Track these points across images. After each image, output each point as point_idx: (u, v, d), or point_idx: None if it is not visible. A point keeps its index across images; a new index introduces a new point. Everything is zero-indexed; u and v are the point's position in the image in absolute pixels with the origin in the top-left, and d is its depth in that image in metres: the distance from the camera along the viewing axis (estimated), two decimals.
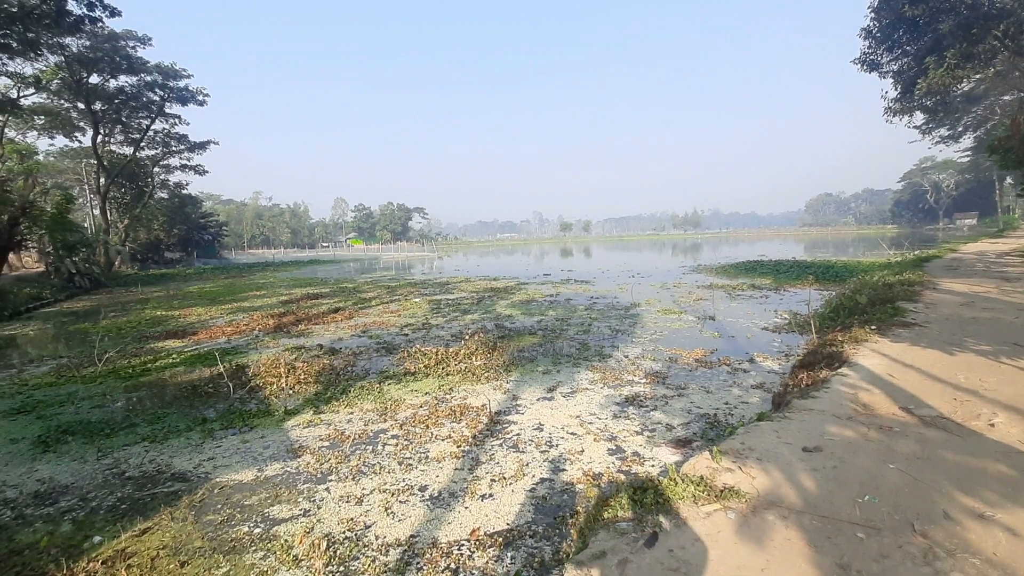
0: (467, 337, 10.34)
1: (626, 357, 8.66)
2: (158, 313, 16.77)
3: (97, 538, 3.84)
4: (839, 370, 5.48)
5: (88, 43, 29.71)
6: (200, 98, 38.43)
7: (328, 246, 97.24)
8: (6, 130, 32.28)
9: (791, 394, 5.06)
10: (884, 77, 26.60)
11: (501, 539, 3.64)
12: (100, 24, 25.15)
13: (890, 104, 26.93)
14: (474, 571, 3.33)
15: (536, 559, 3.39)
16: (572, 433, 5.54)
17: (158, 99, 36.89)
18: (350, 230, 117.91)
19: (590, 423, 5.80)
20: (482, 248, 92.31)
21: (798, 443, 3.58)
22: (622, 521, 2.71)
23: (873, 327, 7.41)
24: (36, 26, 18.88)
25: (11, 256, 33.60)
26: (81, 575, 3.38)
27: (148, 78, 35.07)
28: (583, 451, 5.08)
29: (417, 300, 17.31)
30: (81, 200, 45.86)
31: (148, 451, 5.51)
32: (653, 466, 4.69)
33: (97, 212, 38.40)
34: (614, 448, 5.12)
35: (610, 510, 2.83)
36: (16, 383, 8.53)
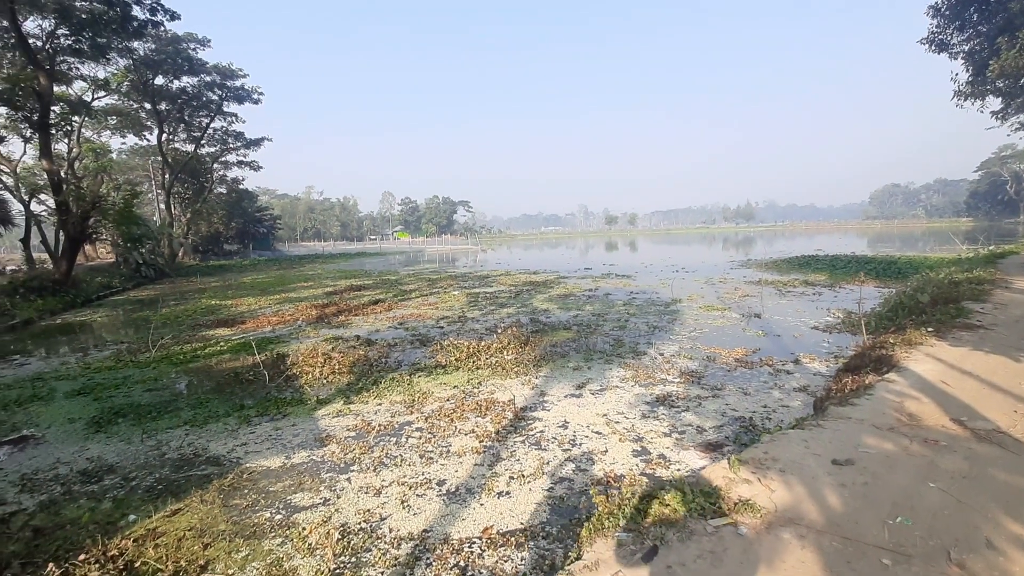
0: (500, 331, 10.31)
1: (661, 355, 8.39)
2: (212, 302, 17.66)
3: (132, 516, 4.05)
4: (887, 375, 5.07)
5: (153, 46, 31.55)
6: (255, 96, 40.09)
7: (375, 239, 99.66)
8: (83, 130, 34.80)
9: (831, 400, 4.71)
10: (954, 58, 24.48)
11: (513, 539, 3.58)
12: (163, 28, 26.64)
13: (961, 87, 24.78)
14: (482, 570, 3.28)
15: (546, 562, 3.30)
16: (597, 432, 5.40)
17: (217, 98, 38.76)
18: (396, 223, 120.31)
19: (617, 422, 5.64)
20: (526, 241, 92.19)
21: (828, 455, 3.30)
22: (624, 531, 2.58)
23: (930, 329, 6.84)
24: (104, 31, 20.18)
25: (87, 248, 36.30)
26: (113, 551, 3.55)
27: (207, 78, 36.89)
28: (607, 451, 4.94)
29: (456, 293, 17.44)
30: (150, 195, 48.86)
31: (188, 434, 5.78)
32: (679, 470, 4.50)
33: (163, 206, 40.83)
34: (639, 450, 4.95)
35: (612, 519, 2.70)
36: (80, 366, 9.17)
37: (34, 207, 30.84)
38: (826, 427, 3.78)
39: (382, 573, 3.28)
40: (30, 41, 19.16)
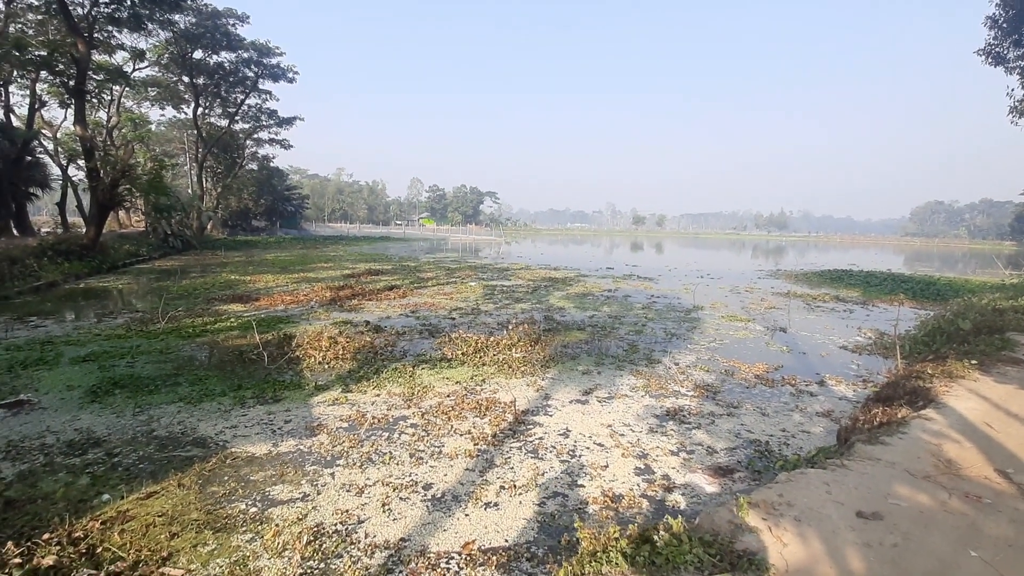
0: (512, 327, 10.02)
1: (676, 365, 7.99)
2: (232, 277, 17.78)
3: (105, 496, 3.90)
4: (923, 411, 4.60)
5: (193, 20, 31.93)
6: (290, 75, 40.32)
7: (401, 224, 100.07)
8: (124, 100, 35.56)
9: (858, 434, 4.28)
10: (1010, 73, 23.04)
11: (495, 558, 3.31)
12: (203, 1, 26.88)
13: (1016, 104, 23.35)
14: None
15: None
16: (599, 444, 5.09)
17: (252, 75, 39.12)
18: (423, 210, 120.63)
19: (622, 435, 5.31)
20: (550, 236, 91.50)
21: (852, 504, 2.90)
22: None
23: (974, 361, 6.29)
24: (144, 1, 20.42)
25: (120, 215, 37.22)
26: (79, 533, 3.40)
27: (245, 55, 37.22)
28: (607, 466, 4.62)
29: (473, 284, 17.21)
30: (185, 168, 49.82)
31: (180, 412, 5.65)
32: (683, 494, 4.16)
33: (195, 179, 41.55)
34: (642, 467, 4.62)
35: (595, 563, 2.39)
36: (92, 332, 9.21)
37: (71, 172, 31.73)
38: (852, 468, 3.36)
39: None
40: (71, 8, 19.47)
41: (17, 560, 2.97)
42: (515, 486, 4.22)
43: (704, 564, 2.31)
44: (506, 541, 3.51)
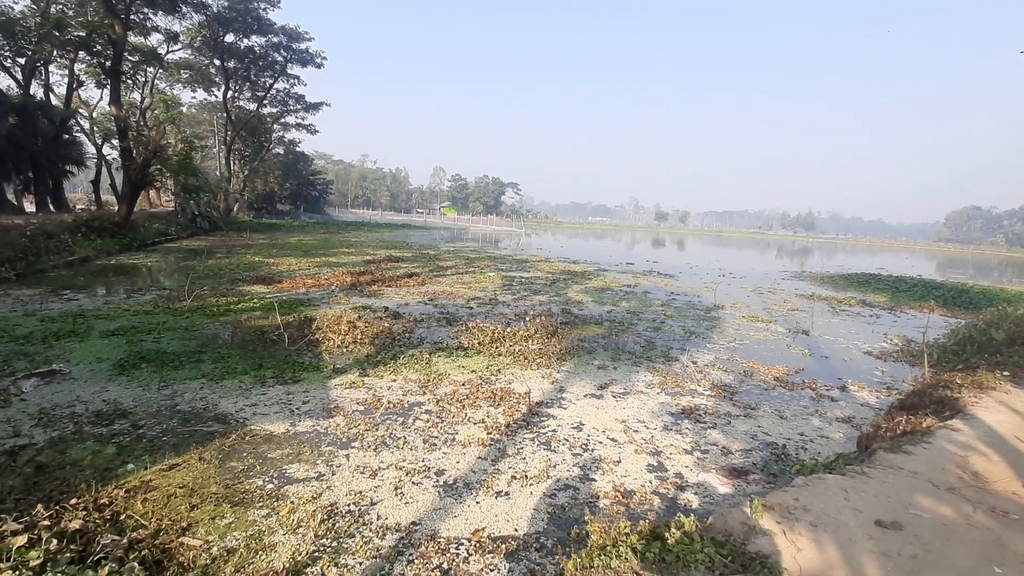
0: (529, 318, 10.02)
1: (694, 363, 7.90)
2: (256, 259, 18.11)
3: (130, 466, 4.03)
4: (949, 421, 4.47)
5: (226, 3, 32.33)
6: (318, 61, 40.59)
7: (422, 212, 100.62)
8: (157, 82, 36.31)
9: (880, 441, 4.18)
10: None
11: (504, 546, 3.33)
12: None
13: None
14: None
15: None
16: (613, 439, 5.07)
17: (281, 60, 39.49)
18: (445, 199, 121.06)
19: (636, 431, 5.28)
20: (571, 229, 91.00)
21: (872, 512, 2.82)
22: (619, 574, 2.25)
23: (1006, 372, 6.08)
24: None
25: (151, 195, 38.15)
26: (103, 499, 3.52)
27: (275, 39, 37.57)
28: (620, 461, 4.60)
29: (491, 274, 17.23)
30: (214, 150, 50.75)
31: (203, 388, 5.80)
32: (695, 494, 4.13)
33: (223, 161, 42.31)
34: (655, 464, 4.59)
35: (604, 557, 2.38)
36: (121, 307, 9.48)
37: (105, 151, 32.58)
38: (872, 476, 3.27)
39: (360, 564, 3.10)
40: None
41: (46, 522, 3.08)
42: (526, 477, 4.23)
43: (715, 564, 2.29)
44: (515, 530, 3.53)
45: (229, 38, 35.72)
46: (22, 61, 23.93)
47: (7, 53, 22.43)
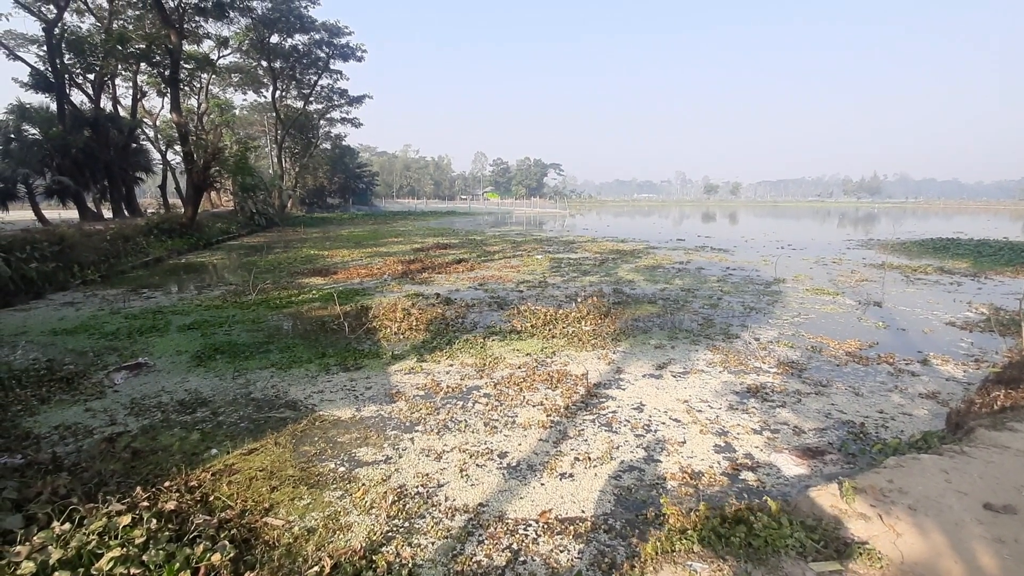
0: (580, 299, 9.91)
1: (756, 340, 7.59)
2: (312, 252, 18.80)
3: (214, 450, 4.29)
4: None
5: (269, 4, 33.30)
6: (359, 54, 41.28)
7: (466, 198, 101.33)
8: (210, 87, 38.04)
9: (977, 418, 3.86)
10: None
11: (572, 528, 3.32)
12: None
13: None
14: (536, 557, 3.06)
15: (606, 559, 3.02)
16: (675, 420, 4.95)
17: (324, 56, 40.43)
18: (487, 184, 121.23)
19: (699, 411, 5.14)
20: (616, 208, 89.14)
21: (978, 494, 2.60)
22: (700, 560, 2.18)
23: None
24: None
25: (212, 196, 40.19)
26: (193, 482, 3.77)
27: (316, 36, 38.48)
28: (685, 442, 4.49)
29: (539, 257, 17.16)
30: (266, 150, 52.85)
31: (273, 376, 6.09)
32: (767, 475, 3.98)
33: (275, 160, 44.02)
34: (722, 445, 4.45)
35: (685, 540, 2.32)
36: (193, 303, 10.09)
37: (169, 157, 34.53)
38: (974, 456, 3.01)
39: (432, 543, 3.18)
40: (163, 1, 20.84)
41: (145, 503, 3.33)
42: (589, 458, 4.20)
43: (807, 550, 2.17)
44: (582, 512, 3.51)
45: (274, 39, 36.84)
46: (91, 77, 25.58)
47: (78, 70, 24.01)
